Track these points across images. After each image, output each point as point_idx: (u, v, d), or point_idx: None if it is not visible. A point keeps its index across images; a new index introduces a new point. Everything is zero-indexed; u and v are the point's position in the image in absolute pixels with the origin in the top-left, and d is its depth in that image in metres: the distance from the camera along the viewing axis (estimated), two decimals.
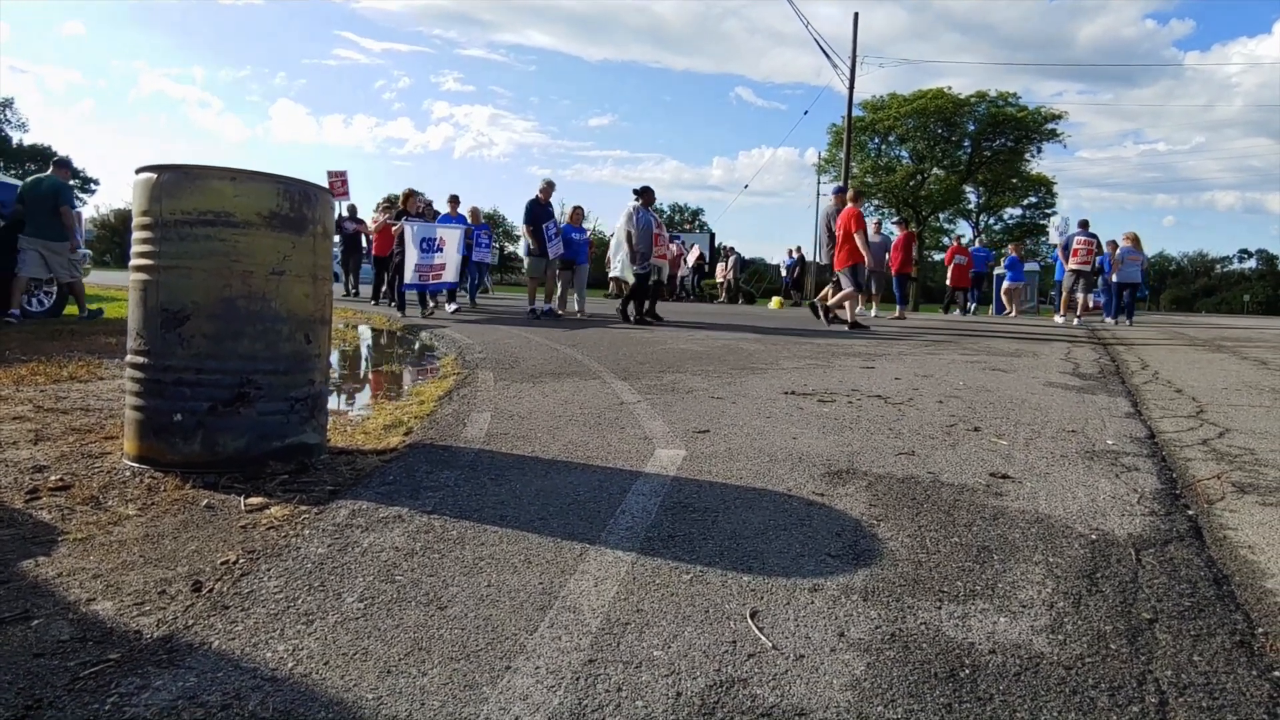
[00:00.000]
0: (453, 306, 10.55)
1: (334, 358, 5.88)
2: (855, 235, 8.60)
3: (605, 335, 7.47)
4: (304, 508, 2.07)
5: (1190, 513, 2.18)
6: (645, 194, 9.49)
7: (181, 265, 2.38)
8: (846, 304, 9.13)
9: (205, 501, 2.13)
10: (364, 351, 6.84)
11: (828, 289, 9.94)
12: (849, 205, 8.98)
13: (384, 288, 12.10)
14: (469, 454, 2.63)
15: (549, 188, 10.16)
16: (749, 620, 1.44)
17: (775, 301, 18.71)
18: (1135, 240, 12.57)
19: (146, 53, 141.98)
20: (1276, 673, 1.31)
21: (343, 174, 14.46)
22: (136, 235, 2.46)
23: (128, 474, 2.32)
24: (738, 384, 4.30)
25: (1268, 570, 1.77)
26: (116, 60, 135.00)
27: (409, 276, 9.33)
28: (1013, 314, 14.52)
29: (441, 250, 9.48)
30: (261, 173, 2.50)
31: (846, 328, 8.88)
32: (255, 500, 2.17)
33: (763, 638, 1.37)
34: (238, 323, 2.42)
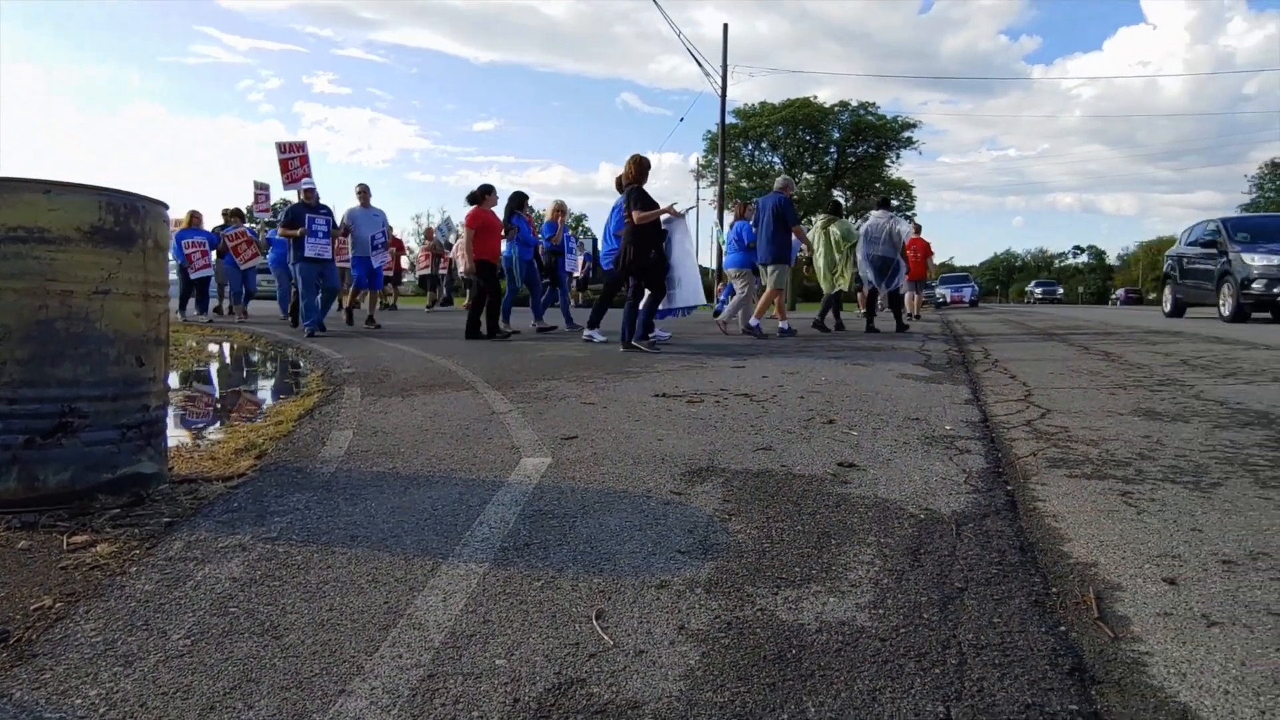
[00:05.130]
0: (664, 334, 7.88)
1: (184, 379, 5.51)
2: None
3: (487, 345, 7.37)
4: (135, 543, 1.94)
5: (1009, 488, 2.40)
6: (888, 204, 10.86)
7: None
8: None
9: (21, 543, 1.95)
10: (218, 371, 6.44)
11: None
12: (917, 236, 13.51)
13: (477, 314, 8.33)
14: (325, 474, 2.54)
15: (789, 184, 8.88)
16: (594, 621, 1.47)
17: None
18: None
19: None
20: (1062, 627, 1.47)
21: (301, 145, 9.87)
22: None
23: None
24: (611, 389, 4.35)
25: (1067, 536, 1.98)
26: None
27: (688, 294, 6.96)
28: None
29: None
30: (80, 184, 2.33)
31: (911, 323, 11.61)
32: (80, 538, 2.01)
33: (605, 637, 1.41)
34: (57, 346, 2.24)
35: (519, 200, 9.22)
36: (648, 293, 6.92)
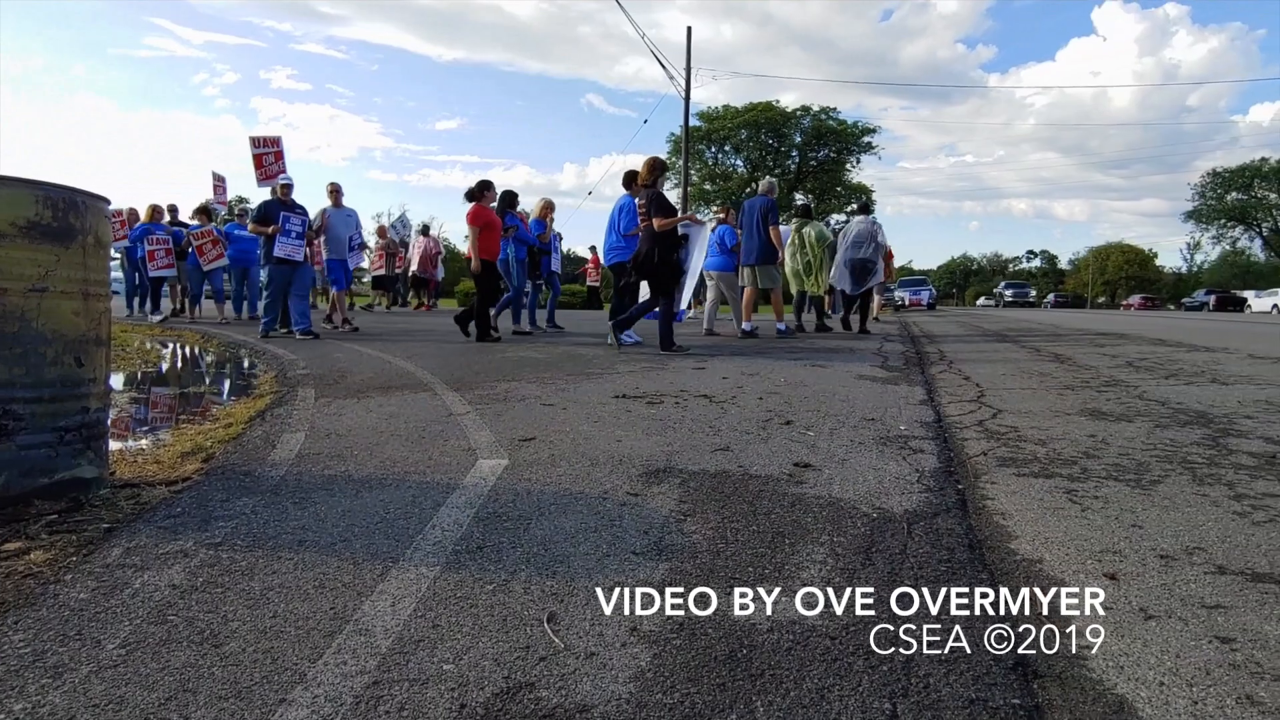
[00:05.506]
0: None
1: (131, 380, 5.35)
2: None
3: (448, 345, 7.28)
4: (71, 550, 1.87)
5: (960, 487, 2.44)
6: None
7: None
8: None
9: None
10: (167, 372, 6.26)
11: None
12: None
13: (490, 316, 8.11)
14: (274, 478, 2.48)
15: (773, 186, 9.17)
16: (545, 625, 1.46)
17: None
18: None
19: None
20: (1006, 624, 1.50)
21: (276, 140, 9.18)
22: None
23: None
24: (571, 390, 4.34)
25: (1014, 533, 2.02)
26: None
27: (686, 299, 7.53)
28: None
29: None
30: (15, 177, 2.24)
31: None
32: (12, 545, 1.93)
33: (556, 640, 1.40)
34: None
35: (510, 199, 9.10)
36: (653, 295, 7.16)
